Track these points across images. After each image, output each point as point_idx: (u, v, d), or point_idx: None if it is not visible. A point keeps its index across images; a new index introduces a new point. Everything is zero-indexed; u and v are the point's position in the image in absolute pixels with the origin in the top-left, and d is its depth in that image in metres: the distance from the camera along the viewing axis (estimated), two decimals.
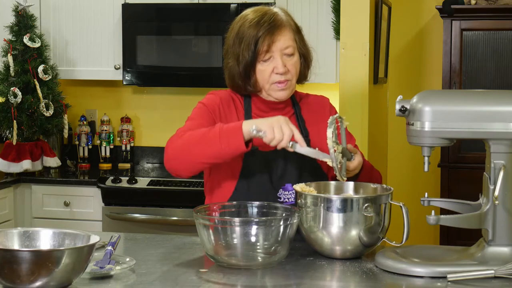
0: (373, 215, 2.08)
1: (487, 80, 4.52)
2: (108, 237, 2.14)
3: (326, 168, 2.41)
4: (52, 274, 1.72)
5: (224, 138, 2.16)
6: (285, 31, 2.34)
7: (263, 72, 2.34)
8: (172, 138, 2.28)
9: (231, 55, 2.38)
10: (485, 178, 2.04)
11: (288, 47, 2.34)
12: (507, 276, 1.91)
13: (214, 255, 2.03)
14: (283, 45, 2.33)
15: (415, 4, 4.90)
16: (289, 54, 2.35)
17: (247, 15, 2.38)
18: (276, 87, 2.36)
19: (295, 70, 2.37)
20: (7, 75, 4.28)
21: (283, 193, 2.32)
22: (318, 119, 2.47)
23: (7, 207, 4.15)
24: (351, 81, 3.83)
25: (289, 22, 2.38)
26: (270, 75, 2.34)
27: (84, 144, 4.73)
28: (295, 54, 2.37)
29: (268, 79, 2.35)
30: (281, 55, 2.34)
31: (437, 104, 2.00)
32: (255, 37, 2.31)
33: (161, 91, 4.75)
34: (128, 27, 4.37)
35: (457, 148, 4.52)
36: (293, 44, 2.36)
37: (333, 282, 2.02)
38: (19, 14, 4.34)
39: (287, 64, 2.34)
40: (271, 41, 2.32)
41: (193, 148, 2.20)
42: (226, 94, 2.46)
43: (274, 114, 2.42)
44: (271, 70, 2.34)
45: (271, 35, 2.32)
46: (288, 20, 2.38)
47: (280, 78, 2.34)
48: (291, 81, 2.37)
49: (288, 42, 2.34)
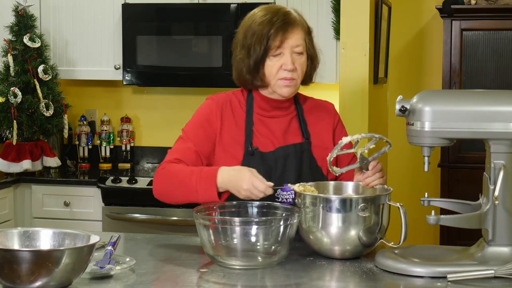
0: (371, 215, 2.09)
1: (487, 80, 4.52)
2: (108, 237, 2.14)
3: (326, 170, 2.41)
4: (52, 274, 1.72)
5: (200, 189, 2.26)
6: (297, 30, 2.38)
7: (272, 67, 2.37)
8: (158, 170, 2.39)
9: (241, 48, 2.41)
10: (485, 178, 2.04)
11: (298, 45, 2.38)
12: (507, 276, 1.91)
13: (214, 255, 2.03)
14: (294, 43, 2.37)
15: (415, 4, 4.90)
16: (298, 52, 2.38)
17: (259, 11, 2.42)
18: (282, 83, 2.38)
19: (301, 69, 2.40)
20: (7, 75, 4.28)
21: (281, 193, 2.32)
22: (320, 123, 2.48)
23: (7, 207, 4.15)
24: (351, 81, 3.83)
25: (302, 22, 2.41)
26: (278, 70, 2.37)
27: (84, 144, 4.73)
28: (304, 54, 2.40)
29: (276, 75, 2.38)
30: (291, 52, 2.37)
31: (437, 104, 2.00)
32: (268, 32, 2.35)
33: (161, 91, 4.75)
34: (128, 27, 4.37)
35: (457, 148, 4.52)
36: (303, 44, 2.39)
37: (333, 282, 2.02)
38: (19, 14, 4.33)
39: (296, 62, 2.37)
40: (283, 38, 2.35)
41: (175, 192, 2.34)
42: (224, 97, 2.47)
43: (276, 113, 2.44)
44: (280, 66, 2.36)
45: (284, 32, 2.35)
46: (300, 20, 2.42)
47: (287, 75, 2.36)
48: (296, 80, 2.40)
49: (299, 41, 2.38)
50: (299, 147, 2.42)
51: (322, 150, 2.43)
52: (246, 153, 2.37)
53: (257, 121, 2.43)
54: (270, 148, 2.40)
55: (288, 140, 2.43)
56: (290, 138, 2.43)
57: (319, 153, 2.44)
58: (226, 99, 2.46)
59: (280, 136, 2.43)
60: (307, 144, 2.43)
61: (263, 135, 2.42)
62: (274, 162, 2.38)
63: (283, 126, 2.44)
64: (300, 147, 2.42)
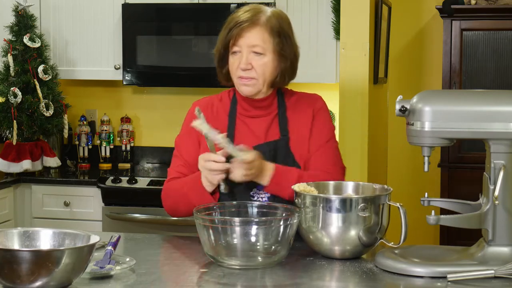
0: (371, 215, 2.09)
1: (487, 80, 4.52)
2: (108, 237, 2.14)
3: (298, 157, 2.40)
4: (52, 274, 1.72)
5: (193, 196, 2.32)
6: (257, 30, 2.35)
7: (232, 65, 2.39)
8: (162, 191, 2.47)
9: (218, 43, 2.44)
10: (485, 178, 2.04)
11: (256, 45, 2.35)
12: (507, 276, 1.91)
13: (214, 255, 2.03)
14: (251, 43, 2.35)
15: (415, 4, 4.90)
16: (257, 52, 2.35)
17: (242, 9, 2.44)
18: (240, 82, 2.39)
19: (262, 70, 2.36)
20: (7, 75, 4.28)
21: (257, 192, 2.32)
22: (301, 117, 2.46)
23: (7, 207, 4.15)
24: (351, 81, 3.83)
25: (269, 23, 2.36)
26: (237, 68, 2.38)
27: (84, 144, 4.73)
28: (267, 55, 2.36)
29: (235, 72, 2.39)
30: (249, 52, 2.36)
31: (437, 104, 2.00)
32: (228, 29, 2.38)
33: (161, 91, 4.75)
34: (128, 27, 4.37)
35: (457, 148, 4.52)
36: (262, 44, 2.35)
37: (333, 282, 2.02)
38: (19, 14, 4.34)
39: (253, 62, 2.36)
40: (238, 36, 2.35)
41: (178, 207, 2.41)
42: (207, 101, 2.50)
43: (257, 112, 2.43)
44: (237, 64, 2.37)
45: (240, 29, 2.35)
46: (269, 21, 2.37)
47: (243, 74, 2.37)
48: (257, 80, 2.37)
49: (257, 41, 2.35)
50: (273, 145, 2.39)
51: (300, 145, 2.42)
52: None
53: (239, 122, 2.43)
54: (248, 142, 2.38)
55: (268, 139, 2.41)
56: (270, 137, 2.41)
57: (297, 148, 2.41)
58: (208, 103, 2.48)
59: (262, 136, 2.41)
60: (284, 140, 2.40)
61: (244, 136, 2.40)
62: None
63: (264, 125, 2.42)
64: (274, 145, 2.39)
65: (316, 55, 4.19)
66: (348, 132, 3.80)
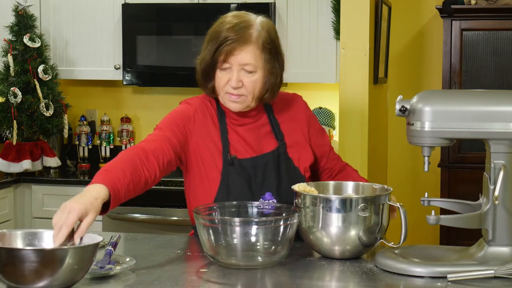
0: (371, 215, 2.09)
1: (487, 80, 4.52)
2: (108, 237, 2.14)
3: (303, 170, 2.40)
4: (56, 273, 1.72)
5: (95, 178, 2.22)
6: (249, 48, 2.26)
7: (220, 80, 2.30)
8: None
9: (203, 50, 2.34)
10: (485, 178, 2.04)
11: (248, 64, 2.27)
12: (507, 276, 1.91)
13: (214, 255, 2.03)
14: (243, 61, 2.26)
15: (415, 4, 4.90)
16: (248, 71, 2.28)
17: (227, 16, 2.34)
18: (228, 97, 2.31)
19: (252, 87, 2.28)
20: (7, 75, 4.28)
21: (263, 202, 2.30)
22: (293, 121, 2.44)
23: (7, 207, 4.15)
24: (351, 81, 3.83)
25: (260, 39, 2.27)
26: (225, 85, 2.29)
27: (84, 144, 4.73)
28: (258, 72, 2.29)
29: (223, 88, 2.30)
30: (239, 69, 2.27)
31: (437, 104, 2.00)
32: (218, 44, 2.27)
33: (161, 91, 4.75)
34: (128, 27, 4.37)
35: (457, 148, 4.52)
36: (254, 63, 2.27)
37: (333, 282, 2.02)
38: (19, 14, 4.34)
39: (244, 80, 2.28)
40: (230, 53, 2.26)
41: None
42: (199, 102, 2.42)
43: (245, 121, 2.38)
44: (227, 81, 2.29)
45: (232, 47, 2.26)
46: (260, 37, 2.27)
47: (233, 91, 2.29)
48: (246, 97, 2.30)
49: (249, 60, 2.26)
50: (276, 153, 2.37)
51: (298, 150, 2.40)
52: (225, 162, 2.33)
53: (230, 130, 2.37)
54: (246, 156, 2.35)
55: (263, 147, 2.38)
56: (265, 144, 2.38)
57: (295, 153, 2.40)
58: (201, 104, 2.41)
59: (255, 144, 2.37)
60: (282, 146, 2.39)
61: (238, 143, 2.36)
62: (253, 172, 2.33)
63: (255, 133, 2.39)
64: (277, 153, 2.37)
65: (316, 55, 4.19)
66: (348, 132, 3.80)
